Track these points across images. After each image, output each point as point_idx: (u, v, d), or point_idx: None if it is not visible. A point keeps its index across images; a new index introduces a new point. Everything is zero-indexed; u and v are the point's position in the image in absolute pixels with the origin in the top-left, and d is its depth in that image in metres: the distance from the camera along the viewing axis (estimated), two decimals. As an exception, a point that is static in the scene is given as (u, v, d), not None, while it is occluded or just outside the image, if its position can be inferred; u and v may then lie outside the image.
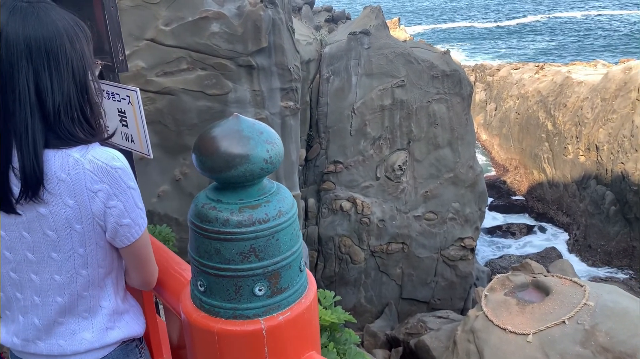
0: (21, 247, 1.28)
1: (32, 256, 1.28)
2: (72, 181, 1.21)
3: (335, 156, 11.39)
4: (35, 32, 1.19)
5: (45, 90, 1.20)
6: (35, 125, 1.19)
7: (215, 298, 1.16)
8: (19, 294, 1.34)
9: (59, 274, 1.30)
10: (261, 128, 1.14)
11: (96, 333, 1.37)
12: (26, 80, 1.19)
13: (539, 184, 20.44)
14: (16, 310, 1.37)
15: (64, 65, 1.22)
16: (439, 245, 11.90)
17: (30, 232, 1.26)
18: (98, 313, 1.37)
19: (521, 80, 22.54)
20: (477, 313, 7.83)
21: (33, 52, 1.19)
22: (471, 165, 11.99)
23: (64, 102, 1.23)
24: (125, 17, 6.88)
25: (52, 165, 1.21)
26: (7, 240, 1.28)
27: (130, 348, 1.46)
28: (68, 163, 1.21)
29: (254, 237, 1.11)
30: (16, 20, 1.18)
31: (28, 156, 1.18)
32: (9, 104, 1.18)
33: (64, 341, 1.35)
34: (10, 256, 1.30)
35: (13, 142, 1.19)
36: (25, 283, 1.32)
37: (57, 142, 1.22)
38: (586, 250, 17.46)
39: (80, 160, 1.22)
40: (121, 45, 2.02)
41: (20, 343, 1.38)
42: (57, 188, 1.21)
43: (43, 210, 1.22)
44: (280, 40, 7.96)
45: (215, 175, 1.12)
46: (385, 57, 11.42)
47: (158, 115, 7.27)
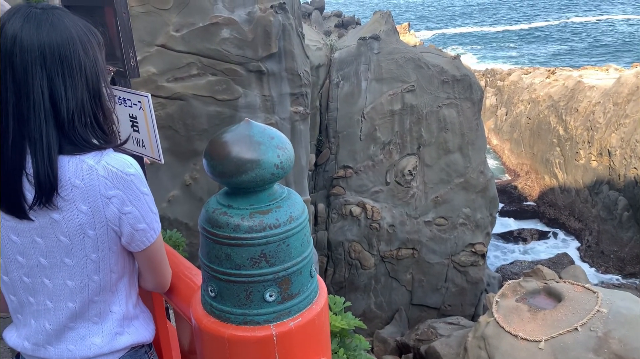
0: (34, 252, 1.28)
1: (45, 261, 1.28)
2: (86, 188, 1.21)
3: (345, 161, 11.38)
4: (49, 39, 1.20)
5: (59, 97, 1.21)
6: (49, 132, 1.20)
7: (225, 304, 1.16)
8: (31, 298, 1.35)
9: (72, 279, 1.30)
10: (272, 133, 1.14)
11: (105, 338, 1.37)
12: (40, 86, 1.19)
13: (551, 189, 20.29)
14: (28, 314, 1.37)
15: (77, 71, 1.23)
16: (450, 251, 11.84)
17: (43, 237, 1.26)
18: (108, 318, 1.37)
19: (532, 85, 22.42)
20: (488, 319, 7.77)
21: (47, 58, 1.19)
22: (482, 170, 11.93)
23: (78, 109, 1.23)
24: (137, 23, 6.93)
25: (66, 171, 1.21)
26: (19, 244, 1.28)
27: (139, 354, 1.45)
28: (82, 169, 1.21)
29: (264, 242, 1.11)
30: (30, 27, 1.19)
31: (42, 162, 1.18)
32: (24, 110, 1.19)
33: (73, 346, 1.35)
34: (24, 261, 1.30)
35: (27, 148, 1.19)
36: (38, 288, 1.32)
37: (71, 148, 1.22)
38: (599, 256, 17.28)
39: (95, 166, 1.22)
40: (133, 51, 2.03)
41: (30, 347, 1.38)
42: (70, 194, 1.21)
43: (56, 215, 1.22)
44: (290, 46, 7.98)
45: (226, 180, 1.12)
46: (395, 62, 11.42)
47: (169, 120, 7.31)
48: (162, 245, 1.39)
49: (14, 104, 1.19)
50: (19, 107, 1.19)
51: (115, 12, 1.91)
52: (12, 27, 1.19)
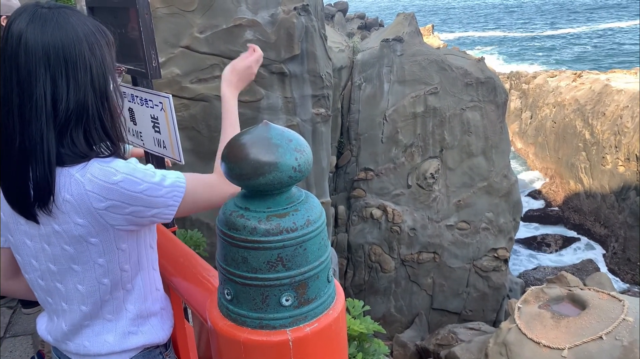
0: (44, 258, 1.28)
1: (54, 267, 1.28)
2: (76, 203, 1.18)
3: (366, 163, 11.34)
4: (53, 39, 1.17)
5: (60, 99, 1.18)
6: (49, 136, 1.17)
7: (242, 307, 1.15)
8: (49, 299, 1.37)
9: (82, 284, 1.29)
10: (290, 135, 1.12)
11: (118, 337, 1.36)
12: (43, 88, 1.16)
13: (576, 194, 19.94)
14: (51, 311, 1.40)
15: (82, 72, 1.20)
16: (472, 255, 11.71)
17: (50, 245, 1.25)
18: (122, 316, 1.36)
19: (558, 88, 22.08)
20: (510, 325, 7.65)
21: (51, 59, 1.17)
22: (505, 174, 11.78)
23: (77, 112, 1.20)
24: (161, 25, 7.01)
25: (59, 183, 1.18)
26: (32, 249, 1.29)
27: (153, 354, 1.44)
28: (70, 183, 1.18)
29: (281, 246, 1.10)
30: (35, 27, 1.17)
31: (42, 168, 1.16)
32: (26, 113, 1.16)
33: (88, 343, 1.36)
34: (37, 265, 1.31)
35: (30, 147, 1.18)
36: (53, 291, 1.33)
37: (65, 158, 1.19)
38: (625, 264, 16.92)
39: (81, 180, 1.18)
40: (155, 52, 2.04)
41: (52, 341, 1.42)
42: (64, 207, 1.19)
43: (56, 226, 1.21)
44: (312, 48, 7.99)
45: (243, 182, 1.11)
46: (418, 64, 11.35)
47: (192, 121, 7.37)
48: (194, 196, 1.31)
49: (18, 106, 1.17)
50: (22, 109, 1.17)
51: (137, 14, 1.92)
52: (17, 27, 1.17)
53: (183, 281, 1.57)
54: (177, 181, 1.27)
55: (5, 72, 1.18)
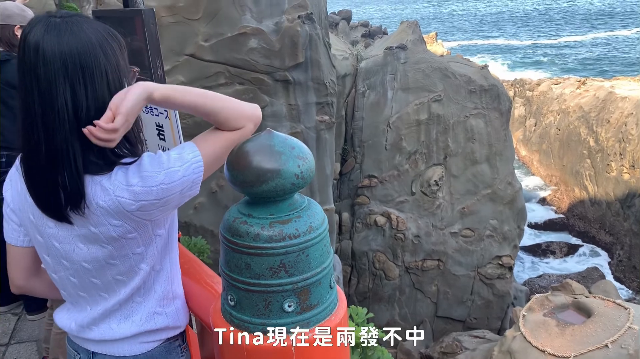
0: (76, 257, 1.32)
1: (89, 265, 1.32)
2: (110, 208, 1.23)
3: (370, 170, 11.34)
4: (69, 48, 1.20)
5: (81, 107, 1.21)
6: (75, 145, 1.21)
7: (245, 313, 1.16)
8: (82, 293, 1.40)
9: (120, 275, 1.35)
10: (293, 143, 1.14)
11: (144, 316, 1.41)
12: (64, 96, 1.20)
13: (581, 202, 19.87)
14: (84, 303, 1.42)
15: (99, 77, 1.23)
16: (476, 263, 11.67)
17: (85, 244, 1.29)
18: (150, 297, 1.41)
19: (562, 95, 22.05)
20: (515, 333, 7.62)
21: (69, 68, 1.20)
22: (510, 181, 11.76)
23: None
24: (167, 33, 7.07)
25: (89, 190, 1.23)
26: (61, 250, 1.32)
27: (173, 346, 1.49)
28: (100, 191, 1.22)
29: (284, 252, 1.11)
30: (51, 37, 1.20)
31: (71, 175, 1.21)
32: (50, 122, 1.20)
33: (116, 325, 1.40)
34: (68, 264, 1.34)
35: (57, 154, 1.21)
36: (88, 286, 1.37)
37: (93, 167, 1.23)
38: (631, 271, 16.81)
39: (109, 188, 1.22)
40: (160, 61, 2.06)
41: (76, 328, 1.44)
42: (98, 211, 1.23)
43: (93, 228, 1.26)
44: (316, 56, 8.03)
45: (247, 189, 1.13)
46: (422, 71, 11.37)
47: (196, 128, 7.38)
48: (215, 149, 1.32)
49: (42, 116, 1.21)
50: (45, 119, 1.20)
51: (143, 23, 1.95)
52: (34, 39, 1.20)
53: (187, 288, 1.58)
54: (192, 156, 1.28)
55: (26, 83, 1.22)
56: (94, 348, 1.45)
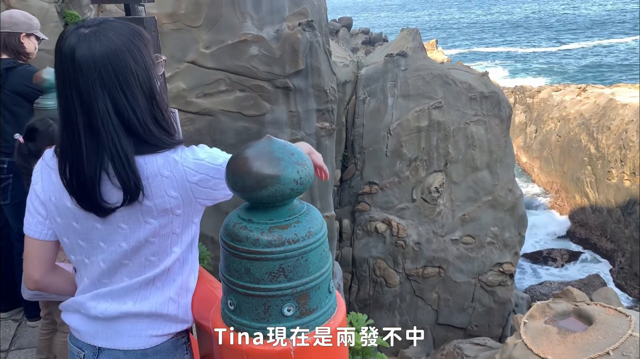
0: (117, 238, 1.39)
1: (127, 245, 1.39)
2: (174, 178, 1.35)
3: (371, 177, 11.35)
4: (102, 58, 1.30)
5: (125, 110, 1.33)
6: (123, 141, 1.32)
7: (244, 317, 1.17)
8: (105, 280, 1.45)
9: (154, 255, 1.42)
10: (292, 149, 1.16)
11: (160, 300, 1.46)
12: (104, 104, 1.31)
13: (581, 209, 19.85)
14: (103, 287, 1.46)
15: (133, 82, 1.33)
16: (477, 270, 11.65)
17: (128, 224, 1.37)
18: (170, 285, 1.47)
19: (562, 102, 22.08)
20: (516, 341, 7.59)
21: (104, 77, 1.30)
22: (510, 188, 11.76)
23: (144, 114, 1.35)
24: (168, 40, 7.10)
25: (155, 164, 1.34)
26: (102, 232, 1.40)
27: (179, 343, 1.53)
28: (169, 162, 1.35)
29: (283, 257, 1.12)
30: (83, 49, 1.29)
31: (123, 168, 1.30)
32: (94, 126, 1.31)
33: (132, 303, 1.44)
34: (104, 246, 1.41)
35: (103, 158, 1.32)
36: (115, 269, 1.43)
37: (152, 148, 1.36)
38: (632, 278, 16.77)
39: (177, 159, 1.36)
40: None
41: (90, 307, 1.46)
42: (161, 183, 1.34)
43: (148, 202, 1.35)
44: (317, 63, 8.06)
45: (247, 194, 1.15)
46: (422, 78, 11.40)
47: (197, 135, 7.43)
48: None
49: (85, 123, 1.31)
50: (89, 124, 1.31)
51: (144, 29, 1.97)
52: (69, 52, 1.30)
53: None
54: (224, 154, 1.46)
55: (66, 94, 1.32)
56: (100, 343, 1.47)
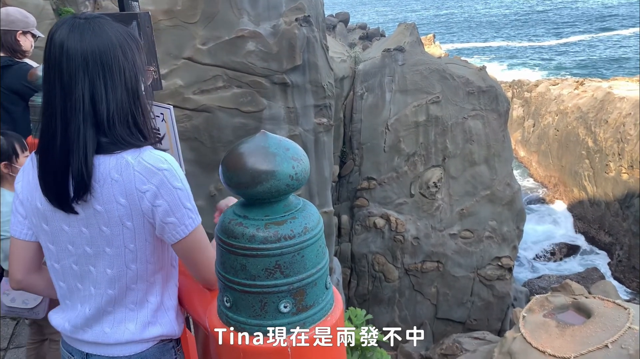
0: (81, 242, 1.38)
1: (90, 250, 1.38)
2: (124, 182, 1.31)
3: (369, 172, 11.34)
4: (91, 46, 1.30)
5: (100, 100, 1.31)
6: (87, 132, 1.29)
7: (241, 314, 1.16)
8: (79, 285, 1.44)
9: (111, 268, 1.39)
10: (287, 144, 1.15)
11: (139, 326, 1.44)
12: (82, 90, 1.29)
13: (580, 202, 19.88)
14: (77, 299, 1.46)
15: (117, 74, 1.33)
16: (475, 264, 11.66)
17: (88, 228, 1.35)
18: (144, 307, 1.45)
19: (560, 96, 22.07)
20: (515, 334, 7.61)
21: (89, 64, 1.29)
22: (508, 182, 11.76)
23: (117, 110, 1.33)
24: (164, 37, 7.07)
25: (107, 166, 1.31)
26: (69, 234, 1.38)
27: (167, 347, 1.52)
28: (121, 164, 1.31)
29: (279, 253, 1.11)
30: (75, 36, 1.30)
31: (78, 161, 1.28)
32: (68, 113, 1.29)
33: (109, 329, 1.44)
34: (73, 249, 1.40)
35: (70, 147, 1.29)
36: (85, 275, 1.42)
37: (112, 147, 1.32)
38: (630, 271, 16.81)
39: (132, 162, 1.31)
40: (156, 64, 2.07)
41: (70, 329, 1.47)
42: (111, 187, 1.31)
43: (99, 207, 1.32)
44: (314, 58, 8.04)
45: (242, 191, 1.14)
46: (420, 73, 11.38)
47: (194, 131, 7.41)
48: (200, 242, 1.42)
49: (62, 108, 1.30)
50: (64, 110, 1.30)
51: (139, 25, 1.95)
52: (59, 38, 1.30)
53: (183, 289, 1.59)
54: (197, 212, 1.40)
55: (49, 78, 1.31)
56: (87, 349, 1.47)
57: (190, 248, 1.41)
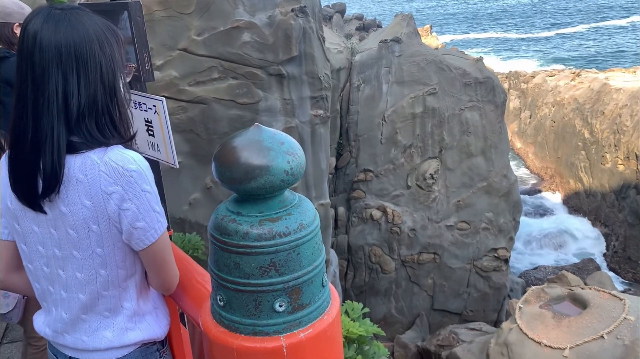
0: (50, 243, 1.32)
1: (59, 252, 1.32)
2: (88, 183, 1.23)
3: (366, 164, 11.32)
4: (65, 38, 1.23)
5: (71, 94, 1.23)
6: (60, 129, 1.23)
7: (234, 314, 1.13)
8: (50, 287, 1.39)
9: (80, 272, 1.33)
10: (282, 138, 1.11)
11: (116, 333, 1.39)
12: (55, 84, 1.22)
13: (576, 193, 19.92)
14: (50, 302, 1.42)
15: (92, 68, 1.26)
16: (472, 256, 11.68)
17: (56, 229, 1.30)
18: (120, 313, 1.40)
19: (557, 88, 22.06)
20: (511, 325, 7.64)
21: (63, 57, 1.23)
22: (505, 173, 11.76)
23: (89, 105, 1.26)
24: (159, 28, 7.00)
25: (72, 166, 1.24)
26: (39, 235, 1.33)
27: (150, 350, 1.47)
28: (86, 164, 1.24)
29: (274, 251, 1.08)
30: (49, 27, 1.23)
31: (51, 159, 1.22)
32: (39, 107, 1.23)
33: (86, 338, 1.39)
34: (43, 251, 1.35)
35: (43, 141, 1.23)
36: (55, 278, 1.37)
37: (80, 146, 1.25)
38: (625, 262, 16.89)
39: (97, 162, 1.24)
40: (147, 54, 2.02)
41: (51, 334, 1.44)
42: (75, 189, 1.24)
43: (64, 209, 1.26)
44: (310, 49, 7.98)
45: (235, 186, 1.10)
46: (417, 64, 11.33)
47: (190, 123, 7.35)
48: (167, 246, 1.38)
49: (33, 102, 1.24)
50: (36, 105, 1.23)
51: (130, 16, 1.91)
52: (33, 28, 1.23)
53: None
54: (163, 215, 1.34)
55: (21, 70, 1.25)
56: (70, 353, 1.44)
57: (158, 253, 1.35)
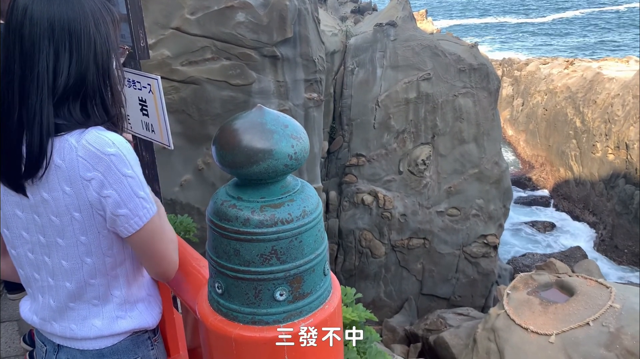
0: (35, 229, 1.27)
1: (44, 239, 1.27)
2: (67, 168, 1.16)
3: (358, 149, 11.29)
4: (59, 12, 1.16)
5: (60, 72, 1.16)
6: (50, 109, 1.16)
7: (233, 302, 1.09)
8: (36, 274, 1.35)
9: (66, 260, 1.28)
10: (286, 121, 1.06)
11: (106, 321, 1.35)
12: (46, 61, 1.15)
13: (565, 182, 20.05)
14: (36, 289, 1.37)
15: (85, 46, 1.19)
16: (461, 241, 11.75)
17: (39, 216, 1.24)
18: (109, 302, 1.35)
19: (550, 76, 22.06)
20: (499, 311, 7.71)
21: (56, 32, 1.16)
22: (496, 161, 11.78)
23: (76, 86, 1.18)
24: (152, 6, 6.87)
25: (50, 150, 1.17)
26: (23, 220, 1.27)
27: (141, 339, 1.43)
28: (64, 148, 1.16)
29: (275, 238, 1.04)
30: (42, 0, 1.16)
31: (35, 140, 1.15)
32: (27, 84, 1.16)
33: (75, 326, 1.35)
34: (27, 237, 1.29)
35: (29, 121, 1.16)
36: (41, 265, 1.32)
37: (61, 127, 1.17)
38: (612, 250, 17.09)
39: (75, 145, 1.16)
40: (143, 32, 1.96)
41: (38, 322, 1.40)
42: (55, 174, 1.17)
43: (46, 195, 1.19)
44: (305, 31, 7.88)
45: (236, 170, 1.05)
46: (412, 49, 11.25)
47: (182, 104, 7.27)
48: (157, 233, 1.29)
49: (20, 77, 1.16)
50: (23, 81, 1.16)
51: (125, -9, 1.85)
52: (23, 0, 1.16)
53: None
54: (152, 200, 1.25)
55: (8, 43, 1.17)
56: (58, 341, 1.40)
57: (146, 241, 1.27)
